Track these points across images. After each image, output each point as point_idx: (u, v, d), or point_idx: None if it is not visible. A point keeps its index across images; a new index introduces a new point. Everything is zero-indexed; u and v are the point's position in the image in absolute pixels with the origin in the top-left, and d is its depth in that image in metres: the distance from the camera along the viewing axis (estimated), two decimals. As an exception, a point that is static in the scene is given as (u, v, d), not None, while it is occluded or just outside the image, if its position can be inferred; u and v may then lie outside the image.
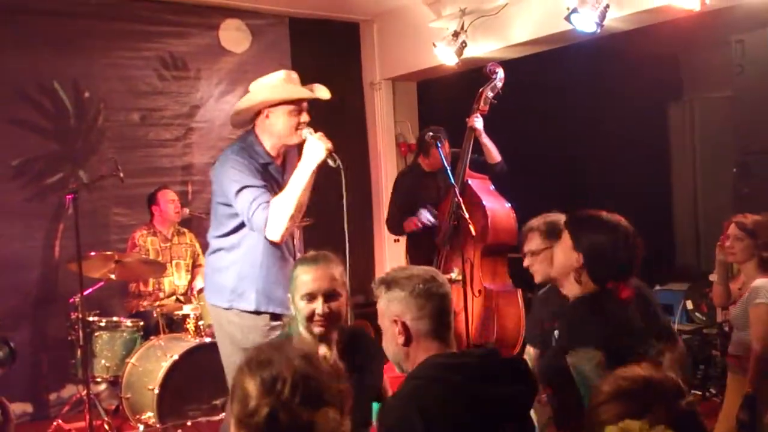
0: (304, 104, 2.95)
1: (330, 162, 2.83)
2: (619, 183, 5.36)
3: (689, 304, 4.89)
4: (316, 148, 2.80)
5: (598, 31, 4.22)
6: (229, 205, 2.88)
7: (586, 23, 4.23)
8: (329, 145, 2.83)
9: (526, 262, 2.73)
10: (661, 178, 6.28)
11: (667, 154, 6.34)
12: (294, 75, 3.02)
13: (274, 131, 2.93)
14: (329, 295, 2.33)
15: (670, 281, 5.23)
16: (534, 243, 2.68)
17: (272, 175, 2.95)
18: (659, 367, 1.51)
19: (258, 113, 2.94)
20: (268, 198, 2.79)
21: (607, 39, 4.64)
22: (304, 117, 2.93)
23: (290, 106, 2.90)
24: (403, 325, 1.82)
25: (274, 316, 2.93)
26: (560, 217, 2.51)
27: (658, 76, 5.69)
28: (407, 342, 1.83)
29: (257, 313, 2.90)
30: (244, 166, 2.85)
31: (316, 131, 2.90)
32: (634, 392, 1.34)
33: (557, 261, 2.28)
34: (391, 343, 1.87)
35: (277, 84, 2.95)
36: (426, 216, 4.34)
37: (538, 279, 2.70)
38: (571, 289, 2.24)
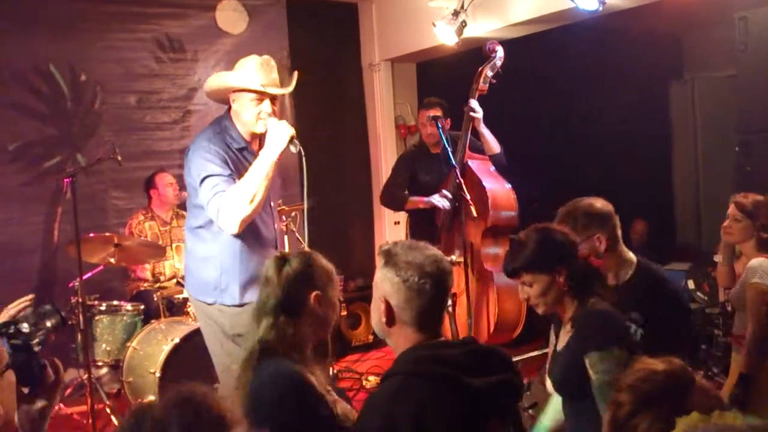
0: (268, 95, 2.84)
1: (292, 148, 2.76)
2: (621, 163, 5.33)
3: (691, 284, 4.88)
4: (278, 135, 2.73)
5: (600, 9, 4.16)
6: None
7: (588, 1, 4.17)
8: (292, 131, 2.76)
9: None
10: (663, 158, 6.25)
11: (668, 133, 6.31)
12: (272, 63, 2.92)
13: (240, 117, 2.89)
14: None
15: (672, 261, 5.22)
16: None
17: (248, 161, 2.86)
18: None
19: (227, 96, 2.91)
20: (228, 187, 2.72)
21: (609, 17, 4.58)
22: (266, 106, 2.84)
23: (251, 95, 2.83)
24: (388, 306, 1.77)
25: None
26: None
27: (659, 55, 5.64)
28: (389, 324, 1.79)
29: (241, 305, 2.86)
30: (213, 153, 2.79)
31: (281, 119, 2.82)
32: (661, 391, 1.27)
33: (546, 298, 2.22)
34: (376, 315, 1.83)
35: (246, 70, 2.87)
36: (441, 200, 4.20)
37: None
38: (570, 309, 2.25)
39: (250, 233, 2.85)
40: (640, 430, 1.24)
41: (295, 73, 3.00)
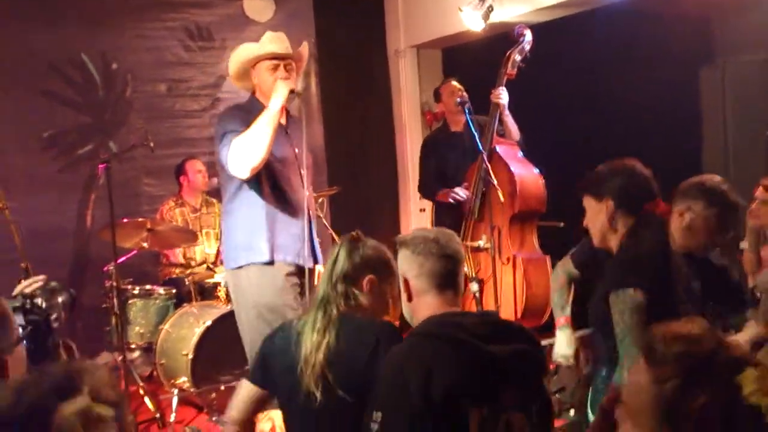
0: (282, 61, 3.05)
1: (292, 96, 2.97)
2: (649, 148, 5.23)
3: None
4: (280, 89, 2.92)
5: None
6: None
7: (616, -16, 4.14)
8: (292, 85, 2.95)
9: None
10: (692, 143, 6.16)
11: (697, 118, 6.21)
12: (279, 35, 3.12)
13: (262, 89, 3.08)
14: None
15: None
16: None
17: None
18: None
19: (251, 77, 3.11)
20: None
21: (638, 1, 4.53)
22: (281, 72, 3.02)
23: (267, 62, 3.04)
24: (406, 281, 1.89)
25: (289, 269, 3.00)
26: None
27: (689, 39, 5.55)
28: (410, 298, 1.90)
29: (271, 263, 2.97)
30: (231, 116, 3.02)
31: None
32: (704, 361, 1.18)
33: (594, 227, 2.28)
34: (403, 301, 1.95)
35: (260, 42, 3.10)
36: (458, 194, 4.29)
37: None
38: (615, 241, 2.26)
39: (276, 195, 3.00)
40: (697, 404, 1.14)
41: (305, 43, 3.24)
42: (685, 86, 5.95)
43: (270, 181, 2.99)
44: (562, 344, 2.61)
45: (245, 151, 2.84)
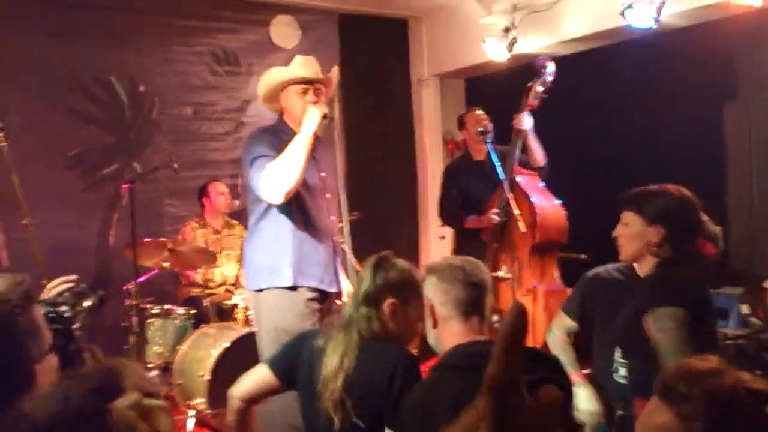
0: (312, 86, 3.09)
1: (326, 123, 3.01)
2: (672, 183, 5.23)
3: (744, 309, 4.75)
4: (313, 114, 2.94)
5: (654, 26, 4.14)
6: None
7: (641, 19, 4.15)
8: (325, 110, 2.99)
9: None
10: (716, 180, 6.11)
11: (721, 154, 6.16)
12: (310, 59, 3.20)
13: (290, 112, 3.10)
14: None
15: (725, 285, 5.09)
16: None
17: None
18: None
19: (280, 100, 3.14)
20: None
21: (662, 36, 4.54)
22: (310, 96, 3.06)
23: (297, 87, 3.07)
24: (432, 308, 1.89)
25: (312, 294, 3.00)
26: None
27: (713, 75, 5.53)
28: (435, 325, 1.90)
29: (294, 288, 2.97)
30: (260, 138, 3.03)
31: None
32: (732, 404, 1.15)
33: (631, 245, 2.29)
34: (428, 328, 1.94)
35: (291, 66, 3.17)
36: (494, 217, 4.23)
37: None
38: (649, 263, 2.28)
39: (303, 219, 3.01)
40: None
41: (335, 68, 3.30)
42: (709, 121, 5.91)
43: (297, 206, 2.99)
44: (583, 401, 2.55)
45: (279, 177, 2.83)
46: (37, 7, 4.74)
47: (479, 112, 4.57)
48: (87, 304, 1.61)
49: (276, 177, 2.84)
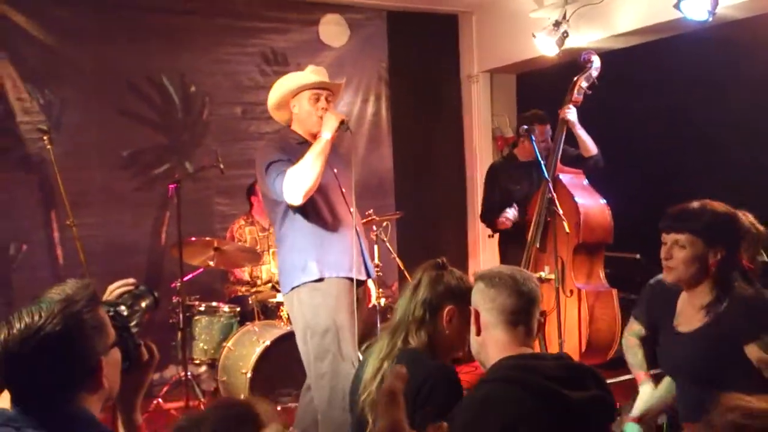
0: (324, 92, 3.16)
1: (342, 129, 3.08)
2: (730, 183, 5.01)
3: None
4: (331, 119, 3.03)
5: (710, 19, 3.97)
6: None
7: (696, 11, 3.99)
8: (343, 116, 3.10)
9: None
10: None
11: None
12: (321, 69, 3.28)
13: (301, 119, 3.17)
14: None
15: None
16: None
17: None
18: None
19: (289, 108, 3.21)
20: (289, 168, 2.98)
21: (718, 28, 4.35)
22: (322, 103, 3.14)
23: (309, 93, 3.13)
24: (477, 314, 1.86)
25: (342, 285, 3.05)
26: None
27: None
28: (478, 332, 1.86)
29: (321, 280, 3.04)
30: (271, 146, 3.14)
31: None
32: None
33: (689, 268, 2.21)
34: (471, 335, 1.90)
35: (300, 74, 3.25)
36: (508, 214, 4.24)
37: None
38: (707, 286, 2.23)
39: (320, 216, 3.10)
40: None
41: (344, 79, 3.48)
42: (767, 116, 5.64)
43: (312, 204, 3.06)
44: (643, 399, 2.55)
45: (299, 179, 2.93)
46: (90, 8, 4.90)
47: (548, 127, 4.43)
48: (144, 304, 1.71)
49: (296, 180, 2.93)
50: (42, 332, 1.35)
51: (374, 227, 4.67)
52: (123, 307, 1.64)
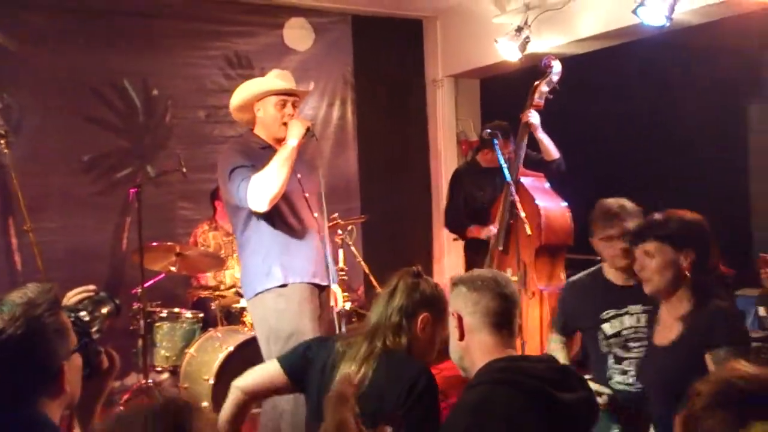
0: (291, 98, 3.13)
1: (308, 136, 3.07)
2: (691, 186, 5.12)
3: (762, 311, 4.64)
4: (297, 126, 3.01)
5: (667, 24, 4.04)
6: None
7: (654, 17, 4.06)
8: (309, 123, 3.09)
9: None
10: (738, 182, 5.97)
11: (744, 155, 6.02)
12: (287, 73, 3.28)
13: (265, 123, 3.14)
14: None
15: (744, 287, 4.97)
16: None
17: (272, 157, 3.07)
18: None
19: (253, 111, 3.16)
20: (253, 174, 2.94)
21: (676, 34, 4.44)
22: (289, 109, 3.11)
23: (276, 98, 3.10)
24: (459, 319, 1.86)
25: (305, 292, 3.03)
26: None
27: (735, 74, 5.41)
28: (461, 336, 1.85)
29: (285, 286, 3.01)
30: (234, 151, 3.08)
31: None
32: (749, 392, 1.18)
33: (664, 275, 2.22)
34: (452, 340, 1.90)
35: (266, 79, 3.20)
36: (492, 230, 4.24)
37: None
38: (685, 292, 2.24)
39: (284, 221, 3.06)
40: (705, 426, 1.18)
41: (312, 83, 3.27)
42: (731, 122, 5.78)
43: (276, 209, 3.02)
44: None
45: (265, 186, 2.90)
46: (49, 12, 4.81)
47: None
48: (104, 310, 1.70)
49: (261, 186, 2.90)
50: (3, 335, 1.33)
51: (339, 231, 4.66)
52: (84, 313, 1.63)
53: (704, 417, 1.18)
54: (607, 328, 2.65)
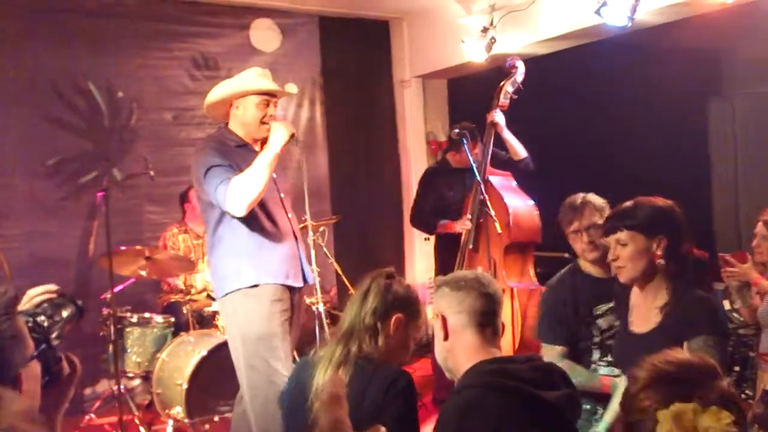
0: (273, 99, 3.11)
1: (292, 143, 3.04)
2: (656, 183, 5.22)
3: (727, 305, 4.75)
4: (281, 131, 2.98)
5: (629, 24, 4.12)
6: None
7: (616, 17, 4.14)
8: (293, 130, 3.04)
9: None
10: (701, 178, 6.11)
11: (706, 152, 6.16)
12: (267, 72, 3.22)
13: (244, 122, 3.10)
14: None
15: (711, 280, 5.08)
16: None
17: (250, 157, 3.03)
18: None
19: (230, 107, 3.12)
20: (232, 175, 2.92)
21: (638, 34, 4.53)
22: (271, 110, 3.09)
23: (258, 98, 3.08)
24: (444, 319, 1.88)
25: (277, 294, 3.02)
26: None
27: (695, 72, 5.53)
28: (446, 337, 1.87)
29: (256, 286, 2.99)
30: (211, 148, 3.03)
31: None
32: (676, 376, 1.27)
33: (638, 264, 2.23)
34: (437, 342, 1.91)
35: (249, 77, 3.14)
36: (466, 224, 4.26)
37: None
38: (662, 278, 2.26)
39: (258, 221, 3.04)
40: (642, 406, 1.26)
41: (293, 85, 3.24)
42: (692, 120, 5.91)
43: (251, 209, 3.00)
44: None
45: (244, 192, 2.89)
46: (11, 11, 4.71)
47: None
48: (65, 314, 1.60)
49: (240, 191, 2.88)
50: None
51: (311, 232, 4.65)
52: (42, 318, 1.55)
53: (640, 398, 1.27)
54: (602, 323, 2.66)
